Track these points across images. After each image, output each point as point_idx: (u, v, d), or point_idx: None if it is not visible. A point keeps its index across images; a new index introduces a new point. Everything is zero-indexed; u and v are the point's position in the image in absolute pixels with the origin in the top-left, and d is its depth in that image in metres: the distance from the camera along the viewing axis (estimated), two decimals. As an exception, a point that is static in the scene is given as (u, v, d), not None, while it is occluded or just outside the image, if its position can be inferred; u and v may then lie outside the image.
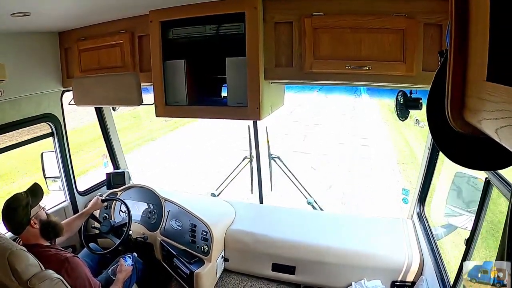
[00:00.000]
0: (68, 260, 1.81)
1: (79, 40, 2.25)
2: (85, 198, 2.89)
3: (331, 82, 1.79)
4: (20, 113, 2.28)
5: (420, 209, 2.53)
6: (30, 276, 1.51)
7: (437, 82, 0.88)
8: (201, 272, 2.32)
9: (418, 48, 1.57)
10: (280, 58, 1.79)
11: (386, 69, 1.62)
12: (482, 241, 2.60)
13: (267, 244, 2.45)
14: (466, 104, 0.71)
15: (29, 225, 1.82)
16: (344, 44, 1.64)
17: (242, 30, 1.78)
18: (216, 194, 3.21)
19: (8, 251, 1.53)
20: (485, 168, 1.20)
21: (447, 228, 2.41)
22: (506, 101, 0.54)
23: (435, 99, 0.87)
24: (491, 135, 0.61)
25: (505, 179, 1.42)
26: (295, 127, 11.22)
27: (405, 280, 2.20)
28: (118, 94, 2.10)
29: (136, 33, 2.07)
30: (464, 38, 0.72)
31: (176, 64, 1.96)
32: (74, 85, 2.27)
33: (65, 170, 2.74)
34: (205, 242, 2.41)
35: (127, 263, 2.28)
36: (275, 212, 2.95)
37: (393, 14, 1.56)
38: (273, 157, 3.11)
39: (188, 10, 1.83)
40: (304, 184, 3.07)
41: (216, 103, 2.05)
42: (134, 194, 2.81)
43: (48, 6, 1.66)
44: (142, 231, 2.65)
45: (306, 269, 2.36)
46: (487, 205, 1.63)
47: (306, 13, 1.68)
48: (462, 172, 2.14)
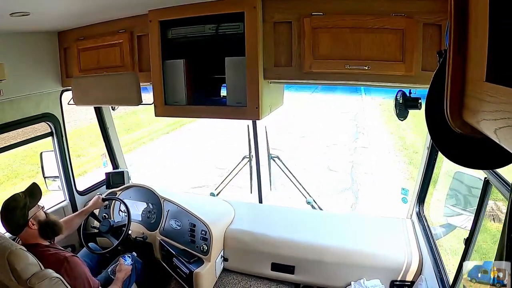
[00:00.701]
0: (67, 260, 1.81)
1: (79, 40, 2.24)
2: (84, 197, 2.89)
3: (331, 82, 1.79)
4: (19, 113, 2.28)
5: (419, 209, 2.53)
6: (29, 276, 1.51)
7: (436, 82, 0.88)
8: (200, 272, 2.32)
9: (417, 48, 1.57)
10: (280, 58, 1.79)
11: (385, 69, 1.62)
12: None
13: (266, 243, 2.45)
14: (465, 104, 0.72)
15: (27, 226, 1.82)
16: (343, 44, 1.64)
17: (241, 30, 1.78)
18: (216, 193, 3.21)
19: (8, 250, 1.53)
20: (484, 167, 1.21)
21: (446, 228, 2.42)
22: (505, 102, 0.54)
23: (434, 99, 0.87)
24: (490, 136, 0.61)
25: (504, 178, 1.43)
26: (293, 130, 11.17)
27: (405, 280, 2.21)
28: (117, 93, 2.10)
29: (136, 32, 2.07)
30: (463, 38, 0.72)
31: (175, 64, 1.96)
32: (74, 84, 2.27)
33: (65, 170, 2.73)
34: (204, 241, 2.41)
35: (126, 262, 2.28)
36: (275, 212, 2.95)
37: (392, 14, 1.56)
38: (272, 156, 3.11)
39: (187, 10, 1.83)
40: (303, 184, 3.07)
41: (215, 103, 2.05)
42: (134, 194, 2.81)
43: (48, 6, 1.65)
44: (141, 231, 2.65)
45: (305, 269, 2.36)
46: (486, 204, 1.63)
47: (305, 13, 1.68)
48: (461, 172, 2.15)
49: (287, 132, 10.17)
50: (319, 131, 10.69)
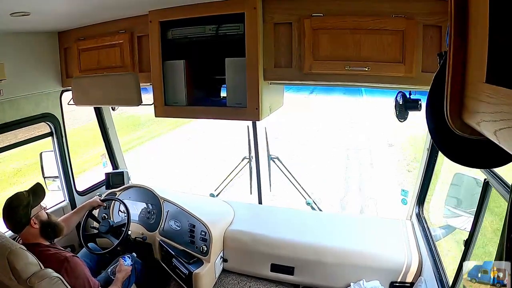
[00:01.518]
0: (68, 260, 1.81)
1: (79, 40, 2.25)
2: (84, 198, 2.89)
3: (331, 83, 1.79)
4: (19, 113, 2.28)
5: (419, 210, 2.53)
6: (29, 275, 1.51)
7: (436, 84, 0.88)
8: (200, 273, 2.31)
9: (417, 49, 1.57)
10: (280, 59, 1.79)
11: (386, 70, 1.62)
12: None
13: (266, 244, 2.45)
14: (465, 105, 0.72)
15: (29, 224, 1.82)
16: (343, 45, 1.65)
17: (241, 30, 1.78)
18: (215, 194, 3.21)
19: (8, 250, 1.53)
20: (484, 166, 1.21)
21: (446, 229, 2.42)
22: (505, 103, 0.54)
23: (434, 100, 0.87)
24: (490, 137, 0.61)
25: (504, 180, 1.43)
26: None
27: (404, 281, 2.21)
28: (117, 94, 2.10)
29: (136, 33, 2.07)
30: (463, 39, 0.72)
31: (175, 65, 1.96)
32: (74, 85, 2.27)
33: (64, 170, 2.73)
34: (204, 242, 2.40)
35: (126, 263, 2.28)
36: (274, 213, 2.95)
37: (393, 15, 1.56)
38: (272, 157, 3.10)
39: (187, 11, 1.83)
40: (303, 185, 3.07)
41: (215, 103, 2.05)
42: (133, 194, 2.81)
43: (48, 6, 1.65)
44: (141, 231, 2.65)
45: (305, 270, 2.36)
46: (486, 206, 1.63)
47: (305, 14, 1.68)
48: (461, 173, 2.15)
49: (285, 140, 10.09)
50: (318, 134, 10.67)
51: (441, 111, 0.77)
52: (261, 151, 3.00)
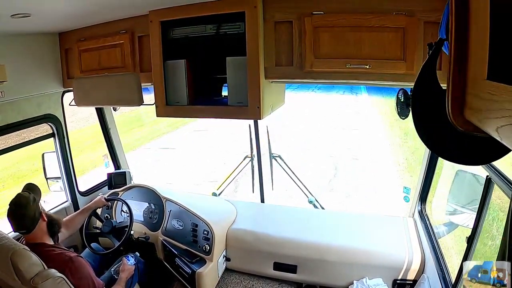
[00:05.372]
0: (72, 260, 1.81)
1: (79, 41, 2.25)
2: (86, 198, 2.89)
3: (332, 81, 1.79)
4: (21, 114, 2.28)
5: (421, 207, 2.53)
6: (33, 275, 1.52)
7: (423, 75, 0.87)
8: (202, 272, 2.32)
9: (418, 46, 1.56)
10: (280, 57, 1.79)
11: (387, 67, 1.61)
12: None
13: (268, 243, 2.45)
14: (466, 102, 0.71)
15: (41, 218, 1.83)
16: (344, 42, 1.64)
17: (242, 29, 1.78)
18: (218, 193, 3.21)
19: (11, 250, 1.53)
20: (480, 162, 1.19)
21: (448, 226, 2.41)
22: (507, 100, 0.54)
23: (421, 91, 0.86)
24: (491, 134, 0.61)
25: (506, 176, 1.42)
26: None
27: (407, 279, 2.21)
28: (118, 94, 2.10)
29: (136, 33, 2.07)
30: (464, 36, 0.71)
31: (176, 64, 1.96)
32: (75, 85, 2.27)
33: (66, 171, 2.74)
34: (206, 241, 2.41)
35: (129, 262, 2.29)
36: (277, 211, 2.95)
37: (393, 13, 1.55)
38: (274, 156, 3.10)
39: (188, 10, 1.83)
40: (305, 183, 3.07)
41: (216, 102, 2.05)
42: (136, 194, 2.81)
43: (48, 7, 1.66)
44: (143, 231, 2.66)
45: (307, 268, 2.36)
46: (488, 203, 1.63)
47: (306, 12, 1.67)
48: (463, 170, 2.14)
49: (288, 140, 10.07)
50: (319, 134, 10.65)
51: (429, 106, 0.77)
52: (263, 149, 3.01)
